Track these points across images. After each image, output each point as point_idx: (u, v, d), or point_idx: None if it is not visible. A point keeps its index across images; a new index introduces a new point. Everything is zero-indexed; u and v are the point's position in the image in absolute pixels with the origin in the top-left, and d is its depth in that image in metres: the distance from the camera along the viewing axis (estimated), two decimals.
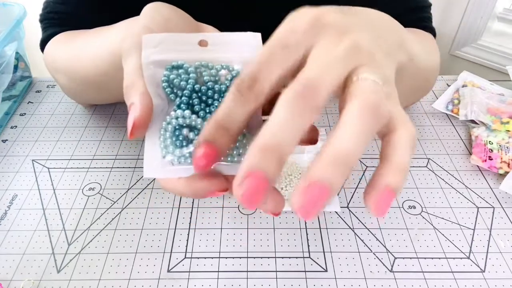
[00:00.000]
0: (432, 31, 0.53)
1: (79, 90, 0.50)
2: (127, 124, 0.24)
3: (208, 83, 0.25)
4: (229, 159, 0.24)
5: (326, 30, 0.23)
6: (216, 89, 0.25)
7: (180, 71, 0.25)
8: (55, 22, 0.50)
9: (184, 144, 0.24)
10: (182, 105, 0.24)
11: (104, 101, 0.54)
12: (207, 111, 0.24)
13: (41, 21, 0.52)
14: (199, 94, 0.24)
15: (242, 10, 0.52)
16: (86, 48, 0.43)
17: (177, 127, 0.24)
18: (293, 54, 0.22)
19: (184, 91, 0.24)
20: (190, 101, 0.24)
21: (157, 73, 0.25)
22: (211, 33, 0.26)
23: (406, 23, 0.53)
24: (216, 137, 0.22)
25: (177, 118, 0.24)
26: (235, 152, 0.24)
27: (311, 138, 0.27)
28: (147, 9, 0.31)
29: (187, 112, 0.24)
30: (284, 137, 0.19)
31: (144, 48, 0.25)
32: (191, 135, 0.24)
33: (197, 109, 0.24)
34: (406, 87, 0.41)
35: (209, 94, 0.24)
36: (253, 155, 0.19)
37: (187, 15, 0.33)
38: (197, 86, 0.24)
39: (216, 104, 0.24)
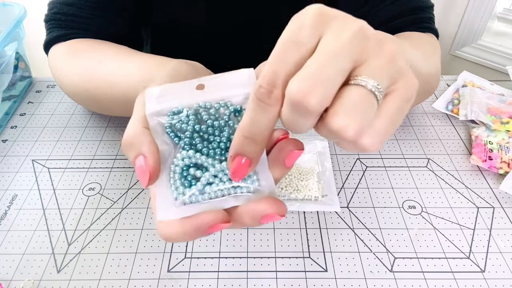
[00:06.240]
0: (434, 32, 0.53)
1: (86, 104, 0.52)
2: (138, 175, 0.24)
3: (208, 121, 0.26)
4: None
5: (332, 19, 0.22)
6: (216, 125, 0.26)
7: (181, 115, 0.26)
8: (61, 24, 0.50)
9: (193, 183, 0.25)
10: (185, 146, 0.25)
11: (109, 114, 0.55)
12: (210, 147, 0.26)
13: (46, 21, 0.51)
14: (201, 134, 0.26)
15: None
16: (103, 77, 0.43)
17: (184, 168, 0.25)
18: (305, 49, 0.21)
19: (186, 133, 0.25)
20: (193, 142, 0.26)
21: (160, 122, 0.26)
22: (207, 76, 0.27)
23: (407, 23, 0.53)
24: (245, 148, 0.23)
25: (183, 159, 0.25)
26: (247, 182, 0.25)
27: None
28: (172, 69, 0.31)
29: (191, 152, 0.25)
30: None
31: (147, 101, 0.26)
32: (198, 173, 0.25)
33: (199, 147, 0.25)
34: None
35: (210, 131, 0.26)
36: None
37: (205, 69, 0.33)
38: (197, 126, 0.26)
39: (217, 140, 0.26)
